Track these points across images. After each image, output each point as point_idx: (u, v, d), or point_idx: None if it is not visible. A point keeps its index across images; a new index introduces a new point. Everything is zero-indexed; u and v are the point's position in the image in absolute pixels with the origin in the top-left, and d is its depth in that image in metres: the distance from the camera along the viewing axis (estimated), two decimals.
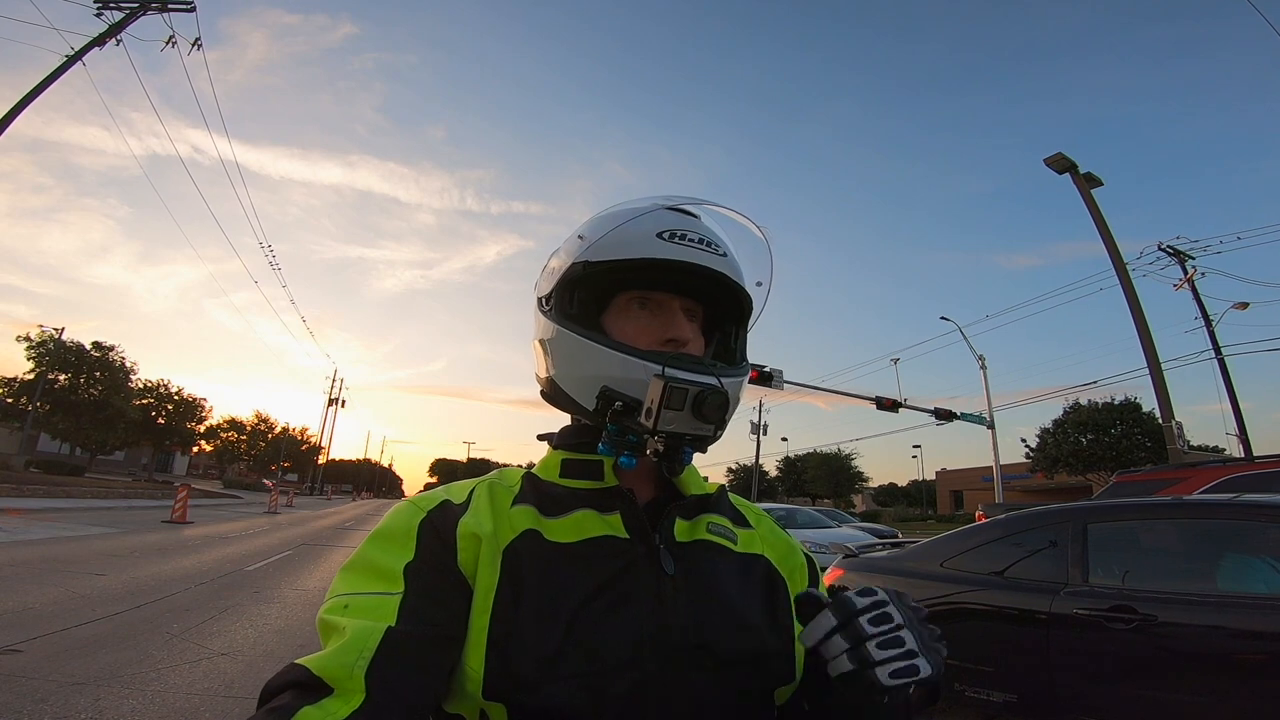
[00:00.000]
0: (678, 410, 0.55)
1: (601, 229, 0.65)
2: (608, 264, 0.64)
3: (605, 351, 0.61)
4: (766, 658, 0.58)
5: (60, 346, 30.95)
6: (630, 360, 0.60)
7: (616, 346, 0.61)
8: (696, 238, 0.64)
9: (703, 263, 0.63)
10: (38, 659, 3.83)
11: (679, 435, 0.56)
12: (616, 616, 0.54)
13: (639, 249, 0.63)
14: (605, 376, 0.60)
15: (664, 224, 0.64)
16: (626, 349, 0.61)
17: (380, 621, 0.50)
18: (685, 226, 0.65)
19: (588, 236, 0.66)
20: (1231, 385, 16.11)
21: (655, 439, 0.56)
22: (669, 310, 0.65)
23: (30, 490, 18.14)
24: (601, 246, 0.64)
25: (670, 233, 0.64)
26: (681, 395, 0.54)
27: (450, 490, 0.64)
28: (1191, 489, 5.08)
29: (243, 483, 50.57)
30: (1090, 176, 15.40)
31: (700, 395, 0.55)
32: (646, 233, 0.64)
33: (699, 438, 0.58)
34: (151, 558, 8.50)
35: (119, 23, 14.29)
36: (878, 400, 19.98)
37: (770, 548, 0.68)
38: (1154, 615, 2.47)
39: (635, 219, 0.65)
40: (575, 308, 0.66)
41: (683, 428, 0.55)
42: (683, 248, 0.63)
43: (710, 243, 0.65)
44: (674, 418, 0.55)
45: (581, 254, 0.65)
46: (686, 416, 0.55)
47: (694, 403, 0.55)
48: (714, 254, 0.64)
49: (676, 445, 0.58)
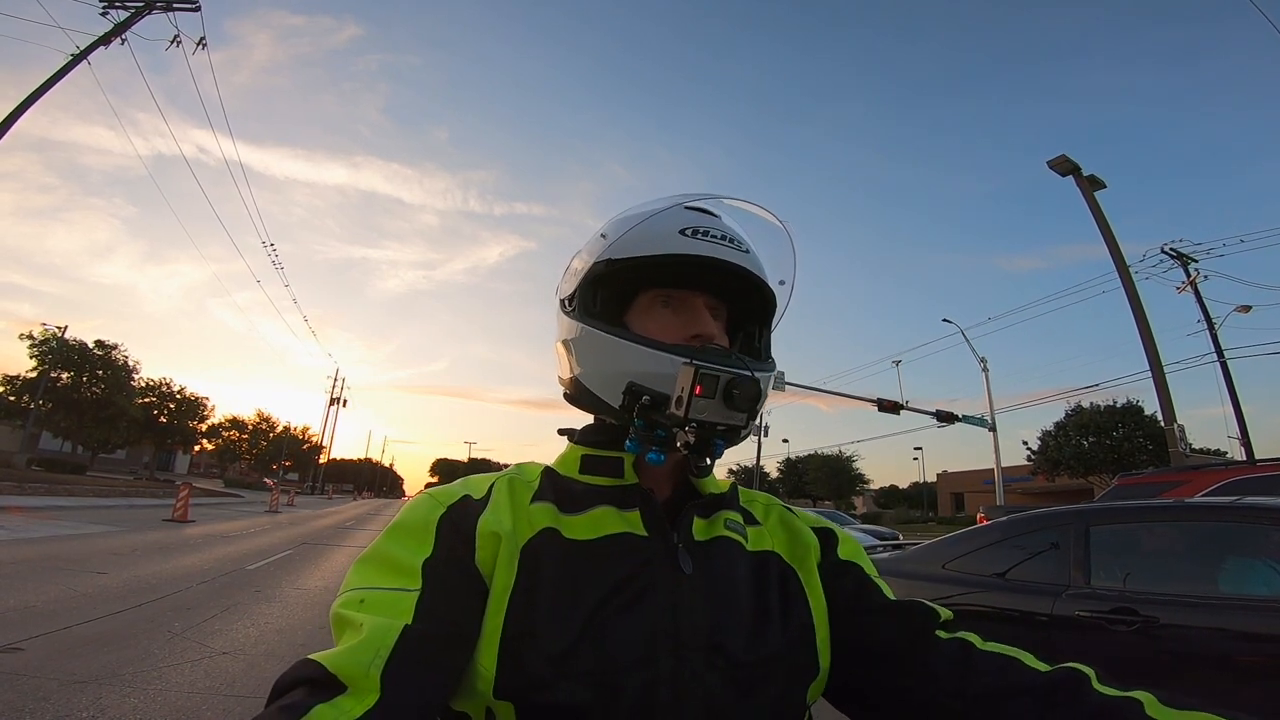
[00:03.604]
0: (709, 398, 0.54)
1: (624, 227, 0.65)
2: (631, 261, 0.64)
3: (631, 346, 0.61)
4: (781, 659, 0.57)
5: (63, 345, 31.00)
6: (657, 354, 0.59)
7: (643, 341, 0.61)
8: (719, 234, 0.64)
9: (725, 258, 0.63)
10: (39, 657, 3.83)
11: (710, 425, 0.55)
12: (632, 615, 0.54)
13: (662, 245, 0.63)
14: (631, 372, 0.60)
15: (686, 221, 0.64)
16: (653, 343, 0.61)
17: (397, 619, 0.49)
18: (707, 224, 0.65)
19: (610, 235, 0.66)
20: (1234, 388, 16.08)
21: (686, 430, 0.55)
22: (693, 307, 0.65)
23: (32, 488, 18.17)
24: (624, 244, 0.64)
25: (693, 229, 0.63)
26: (713, 382, 0.54)
27: (469, 484, 0.63)
28: (1193, 492, 5.07)
29: (244, 482, 50.64)
30: (1094, 179, 15.38)
31: (731, 383, 0.54)
32: (669, 229, 0.64)
33: (731, 428, 0.56)
34: (153, 556, 8.50)
35: (124, 22, 14.33)
36: (879, 402, 19.97)
37: (779, 542, 0.68)
38: (1156, 617, 2.47)
39: (657, 216, 0.65)
40: (599, 306, 0.66)
41: (715, 416, 0.54)
42: (705, 243, 0.63)
43: (733, 239, 0.65)
44: (706, 406, 0.54)
45: (604, 252, 0.65)
46: (718, 405, 0.54)
47: (725, 391, 0.54)
48: (736, 250, 0.64)
49: (708, 436, 0.56)
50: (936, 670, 0.57)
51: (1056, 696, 0.52)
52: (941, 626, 0.61)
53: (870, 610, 0.63)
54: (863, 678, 0.61)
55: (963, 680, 0.56)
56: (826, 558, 0.67)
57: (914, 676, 0.58)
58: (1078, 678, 0.52)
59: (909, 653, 0.59)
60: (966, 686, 0.55)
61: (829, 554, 0.68)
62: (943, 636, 0.60)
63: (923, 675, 0.58)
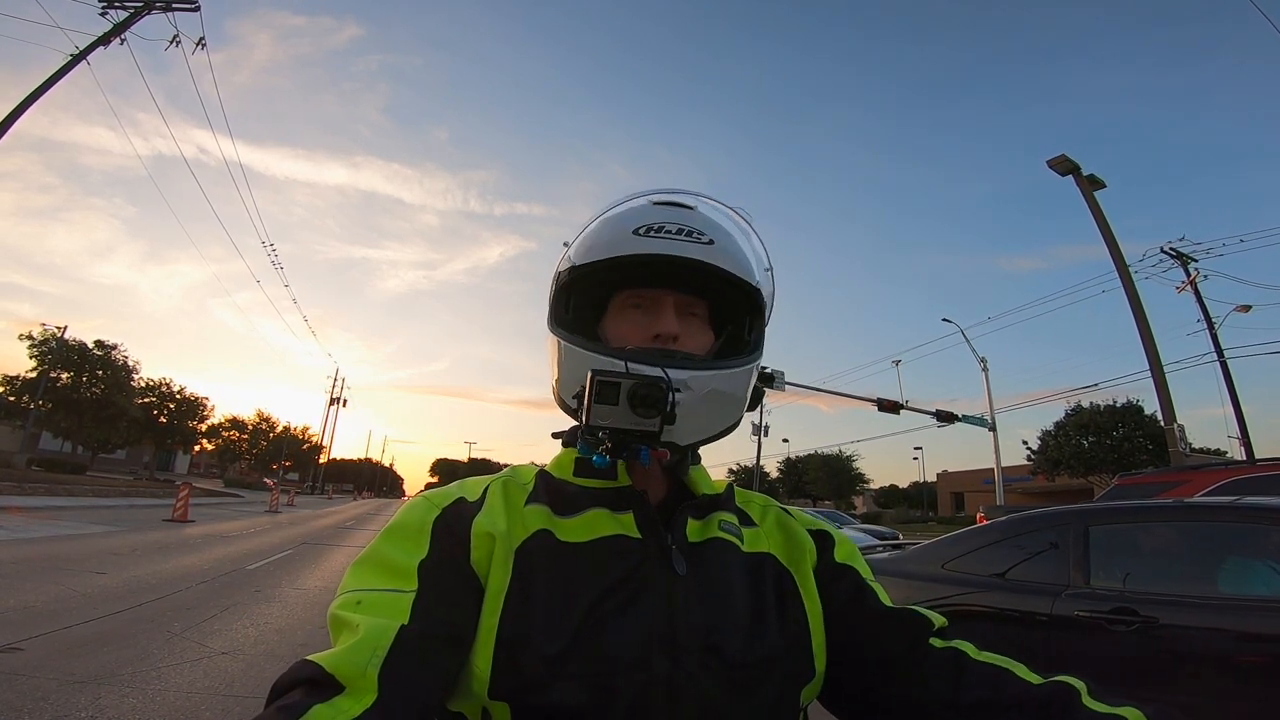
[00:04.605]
0: (610, 404, 0.53)
1: (581, 232, 0.66)
2: (588, 266, 0.64)
3: (581, 353, 0.61)
4: (777, 660, 0.57)
5: (62, 345, 31.00)
6: (598, 359, 0.60)
7: (590, 347, 0.61)
8: (675, 229, 0.63)
9: (680, 253, 0.61)
10: (38, 657, 3.83)
11: (623, 431, 0.55)
12: (626, 617, 0.54)
13: (615, 248, 0.63)
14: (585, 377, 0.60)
15: (643, 219, 0.63)
16: (597, 348, 0.61)
17: (394, 620, 0.49)
18: (665, 219, 0.63)
19: (572, 241, 0.66)
20: (1234, 388, 16.09)
21: (600, 435, 0.55)
22: (660, 306, 0.64)
23: (32, 488, 18.16)
24: (582, 249, 0.65)
25: (648, 227, 0.63)
26: (613, 389, 0.54)
27: (464, 487, 0.63)
28: (1193, 491, 5.07)
29: (244, 482, 50.61)
30: (1093, 179, 15.38)
31: (634, 389, 0.54)
32: (624, 230, 0.63)
33: (646, 434, 0.55)
34: (153, 556, 8.50)
35: (123, 22, 14.32)
36: (879, 402, 19.97)
37: (775, 544, 0.67)
38: (1155, 617, 2.47)
39: (614, 217, 0.65)
40: (571, 313, 0.66)
41: (620, 422, 0.54)
42: (659, 240, 0.62)
43: (692, 232, 0.63)
44: (608, 412, 0.54)
45: (566, 259, 0.66)
46: (623, 411, 0.54)
47: (629, 396, 0.54)
48: (696, 243, 0.62)
49: (621, 442, 0.56)
50: (929, 679, 0.58)
51: (1048, 711, 0.52)
52: (937, 634, 0.62)
53: (865, 616, 0.63)
54: (855, 682, 0.61)
55: (955, 690, 0.56)
56: (823, 560, 0.67)
57: (906, 684, 0.58)
58: (1069, 692, 0.53)
59: (902, 660, 0.59)
60: (959, 697, 0.56)
61: (825, 557, 0.68)
62: (937, 645, 0.60)
63: (915, 684, 0.58)
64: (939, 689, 0.57)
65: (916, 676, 0.58)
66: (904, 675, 0.59)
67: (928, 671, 0.58)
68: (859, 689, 0.61)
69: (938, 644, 0.60)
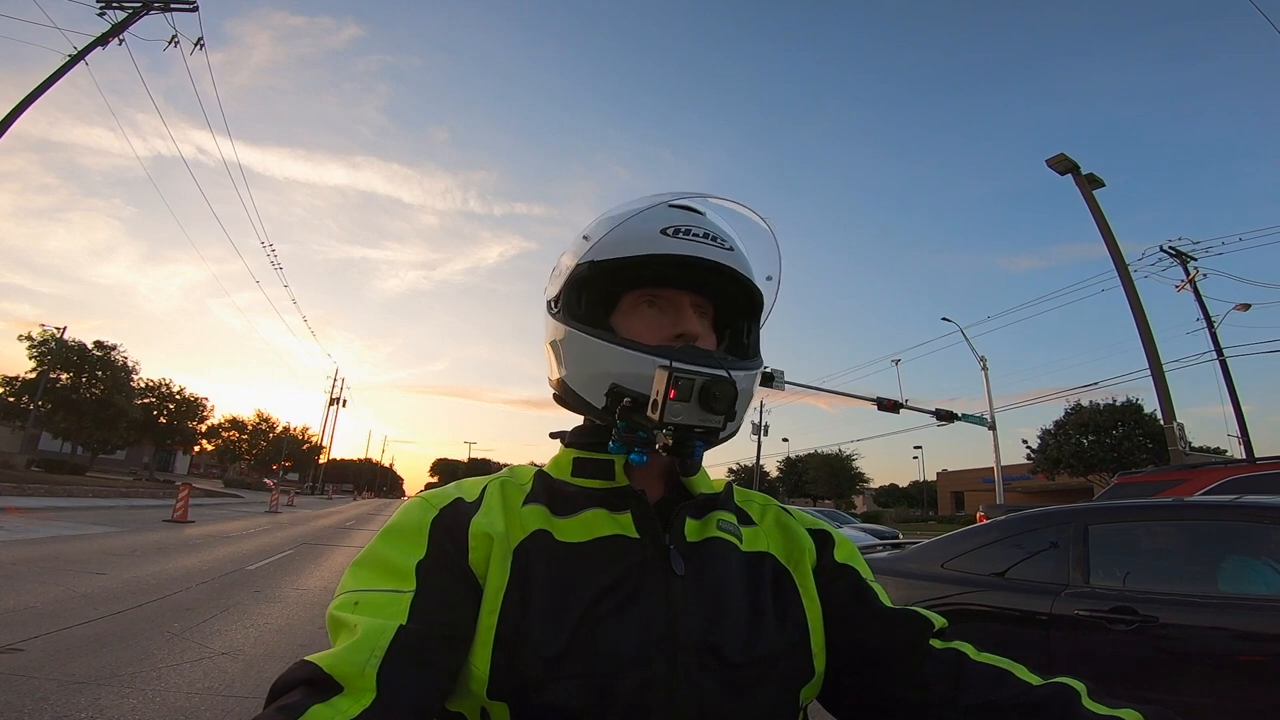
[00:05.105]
0: (684, 401, 0.54)
1: (605, 228, 0.65)
2: (613, 262, 0.64)
3: (612, 348, 0.61)
4: (776, 659, 0.57)
5: (62, 346, 30.99)
6: (637, 355, 0.60)
7: (623, 343, 0.61)
8: (701, 232, 0.64)
9: (708, 257, 0.63)
10: (38, 658, 3.83)
11: (687, 428, 0.55)
12: (624, 616, 0.54)
13: (644, 246, 0.63)
14: (614, 373, 0.60)
15: (668, 220, 0.64)
16: (633, 344, 0.61)
17: (392, 620, 0.49)
18: (690, 222, 0.65)
19: (592, 236, 0.66)
20: (1233, 387, 16.10)
21: (664, 433, 0.55)
22: (678, 306, 0.65)
23: (32, 489, 18.15)
24: (606, 245, 0.64)
25: (675, 228, 0.64)
26: (688, 386, 0.54)
27: (462, 487, 0.63)
28: (1193, 490, 5.07)
29: (244, 482, 50.62)
30: (1092, 178, 15.36)
31: (706, 385, 0.54)
32: (651, 229, 0.64)
33: (708, 430, 0.56)
34: (152, 557, 8.50)
35: (121, 22, 14.31)
36: (879, 401, 19.95)
37: (775, 543, 0.67)
38: (1155, 617, 2.47)
39: (639, 216, 0.65)
40: (583, 308, 0.66)
41: (690, 419, 0.54)
42: (688, 242, 0.63)
43: (716, 237, 0.65)
44: (681, 409, 0.54)
45: (586, 254, 0.65)
46: (694, 408, 0.54)
47: (700, 393, 0.54)
48: (720, 248, 0.64)
49: (685, 438, 0.56)
50: (929, 680, 0.57)
51: (1047, 712, 0.52)
52: (937, 635, 0.62)
53: (865, 616, 0.63)
54: (855, 683, 0.61)
55: (954, 691, 0.56)
56: (823, 560, 0.67)
57: (906, 685, 0.58)
58: (1069, 693, 0.53)
59: (902, 661, 0.59)
60: (958, 698, 0.56)
61: (825, 556, 0.68)
62: (937, 646, 0.60)
63: (915, 684, 0.58)
64: (939, 690, 0.57)
65: (916, 677, 0.58)
66: (904, 676, 0.59)
67: (928, 672, 0.58)
68: (858, 689, 0.61)
69: (938, 645, 0.60)
